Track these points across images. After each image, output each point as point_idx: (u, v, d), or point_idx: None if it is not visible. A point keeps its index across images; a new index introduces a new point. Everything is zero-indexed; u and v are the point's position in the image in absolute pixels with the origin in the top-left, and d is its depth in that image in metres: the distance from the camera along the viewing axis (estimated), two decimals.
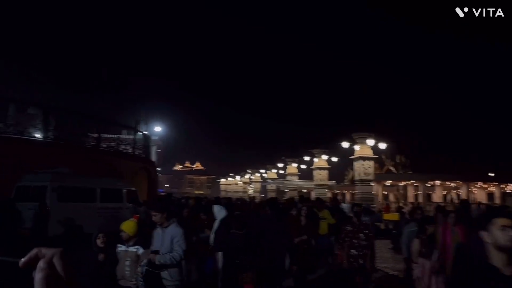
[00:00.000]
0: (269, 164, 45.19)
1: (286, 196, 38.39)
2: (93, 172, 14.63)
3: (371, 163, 23.95)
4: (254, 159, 57.38)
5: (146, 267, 4.25)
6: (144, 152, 22.47)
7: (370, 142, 22.97)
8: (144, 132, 23.63)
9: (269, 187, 42.91)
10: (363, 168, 23.64)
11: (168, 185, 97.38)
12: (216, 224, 6.55)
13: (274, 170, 43.94)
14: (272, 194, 39.94)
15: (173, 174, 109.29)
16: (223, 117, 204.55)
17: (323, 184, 32.02)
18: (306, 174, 39.70)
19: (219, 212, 6.70)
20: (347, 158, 29.54)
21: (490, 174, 34.53)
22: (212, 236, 6.54)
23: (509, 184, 33.12)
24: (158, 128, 29.54)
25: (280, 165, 41.53)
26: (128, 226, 4.50)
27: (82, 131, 17.96)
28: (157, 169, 48.02)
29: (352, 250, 5.82)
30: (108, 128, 22.03)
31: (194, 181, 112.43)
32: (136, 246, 4.41)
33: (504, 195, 32.48)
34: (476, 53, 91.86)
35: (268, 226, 6.21)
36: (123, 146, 20.71)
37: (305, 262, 6.73)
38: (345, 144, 24.40)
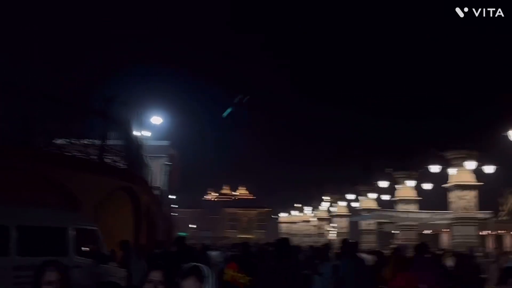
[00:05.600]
0: (362, 184, 41.69)
1: (396, 241, 34.21)
2: (20, 195, 12.72)
3: None
4: (336, 179, 53.73)
5: None
6: (127, 161, 19.47)
7: None
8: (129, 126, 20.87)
9: (364, 224, 39.76)
10: None
11: (194, 225, 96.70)
12: None
13: (373, 195, 40.12)
14: (370, 239, 36.82)
15: (203, 208, 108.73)
16: (285, 112, 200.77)
17: (469, 218, 27.67)
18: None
19: None
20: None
21: None
22: None
23: None
24: (157, 120, 26.55)
25: (383, 184, 37.31)
26: None
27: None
28: (170, 197, 45.70)
29: None
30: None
31: (238, 217, 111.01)
32: None
33: None
34: None
35: None
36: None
37: None
38: None
